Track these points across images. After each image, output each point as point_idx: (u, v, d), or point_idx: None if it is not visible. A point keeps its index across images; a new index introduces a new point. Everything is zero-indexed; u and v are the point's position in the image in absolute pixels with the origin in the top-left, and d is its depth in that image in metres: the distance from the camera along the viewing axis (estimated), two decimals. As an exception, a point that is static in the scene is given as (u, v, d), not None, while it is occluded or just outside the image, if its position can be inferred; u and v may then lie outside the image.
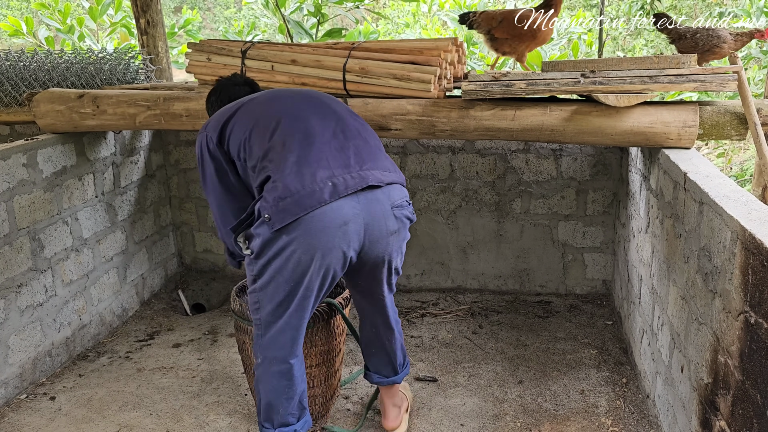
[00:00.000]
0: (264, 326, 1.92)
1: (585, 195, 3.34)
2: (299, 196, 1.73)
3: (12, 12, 11.29)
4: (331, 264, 1.80)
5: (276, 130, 1.85)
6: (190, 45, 2.84)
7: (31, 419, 2.47)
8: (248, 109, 1.94)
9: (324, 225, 1.75)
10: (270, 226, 1.74)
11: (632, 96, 2.27)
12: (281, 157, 1.79)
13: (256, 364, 1.98)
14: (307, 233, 1.74)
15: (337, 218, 1.76)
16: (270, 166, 1.80)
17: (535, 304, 3.37)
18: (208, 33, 12.00)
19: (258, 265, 1.83)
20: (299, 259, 1.77)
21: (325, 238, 1.76)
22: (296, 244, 1.75)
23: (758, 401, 1.38)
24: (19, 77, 3.21)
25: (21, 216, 2.62)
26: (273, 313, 1.88)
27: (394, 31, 8.40)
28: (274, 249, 1.78)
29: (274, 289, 1.83)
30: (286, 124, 1.86)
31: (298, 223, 1.74)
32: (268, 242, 1.78)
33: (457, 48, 2.69)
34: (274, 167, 1.79)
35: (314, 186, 1.75)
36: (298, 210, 1.73)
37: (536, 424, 2.37)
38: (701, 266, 1.78)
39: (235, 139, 1.90)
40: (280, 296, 1.84)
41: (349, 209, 1.78)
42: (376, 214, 1.83)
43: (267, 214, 1.74)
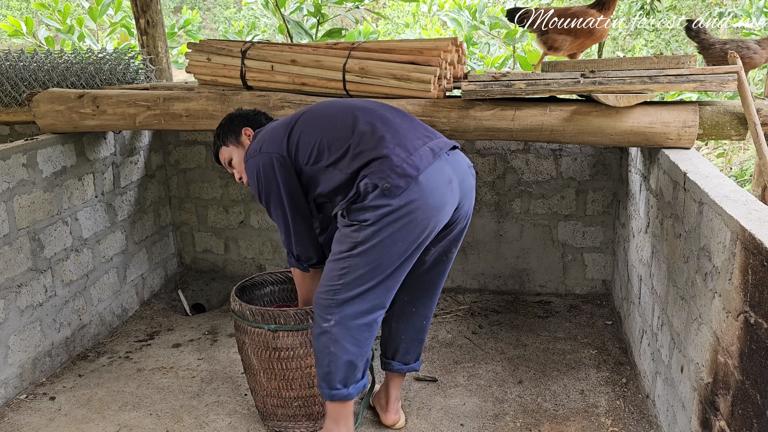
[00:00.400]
0: (350, 288, 1.96)
1: (585, 195, 3.34)
2: (409, 162, 1.88)
3: (12, 12, 11.30)
4: (440, 220, 1.95)
5: (357, 123, 1.98)
6: (189, 45, 2.84)
7: (30, 419, 2.47)
8: (309, 119, 2.05)
9: (436, 184, 1.91)
10: (389, 194, 1.86)
11: (632, 96, 2.27)
12: (377, 139, 1.93)
13: (327, 327, 1.99)
14: (424, 193, 1.88)
15: (444, 176, 1.93)
16: (368, 149, 1.92)
17: (534, 304, 3.37)
18: (208, 33, 12.00)
19: (367, 231, 1.90)
20: (418, 219, 1.89)
21: (439, 195, 1.91)
22: (416, 204, 1.87)
23: (758, 401, 1.38)
24: (18, 77, 3.21)
25: (21, 216, 2.62)
26: (371, 275, 1.94)
27: (394, 31, 8.40)
28: (394, 215, 1.88)
29: (380, 252, 1.91)
30: (363, 116, 2.00)
31: (415, 185, 1.87)
32: (388, 210, 1.87)
33: (456, 48, 2.69)
34: (373, 148, 1.92)
35: (416, 152, 1.91)
36: (412, 173, 1.87)
37: (536, 424, 2.37)
38: (701, 266, 1.78)
39: (305, 146, 2.00)
40: (387, 258, 1.92)
41: (448, 168, 1.96)
42: (463, 171, 2.02)
43: (385, 184, 1.85)
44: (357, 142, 1.94)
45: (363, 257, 1.92)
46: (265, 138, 2.08)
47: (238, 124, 2.25)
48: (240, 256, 3.81)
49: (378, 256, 1.91)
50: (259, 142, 2.08)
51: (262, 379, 2.29)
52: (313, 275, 2.23)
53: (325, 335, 2.00)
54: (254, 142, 2.12)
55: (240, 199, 3.69)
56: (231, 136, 2.25)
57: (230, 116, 2.29)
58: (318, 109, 2.09)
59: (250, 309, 2.20)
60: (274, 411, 2.33)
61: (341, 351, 2.00)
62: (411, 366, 2.33)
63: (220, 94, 2.68)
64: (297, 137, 2.02)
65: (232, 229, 3.77)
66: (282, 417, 2.34)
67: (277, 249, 3.73)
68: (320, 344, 2.02)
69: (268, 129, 2.12)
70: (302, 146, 2.01)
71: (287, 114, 2.59)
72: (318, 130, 2.01)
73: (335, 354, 2.00)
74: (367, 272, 1.94)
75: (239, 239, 3.77)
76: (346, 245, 1.94)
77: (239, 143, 2.25)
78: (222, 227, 3.78)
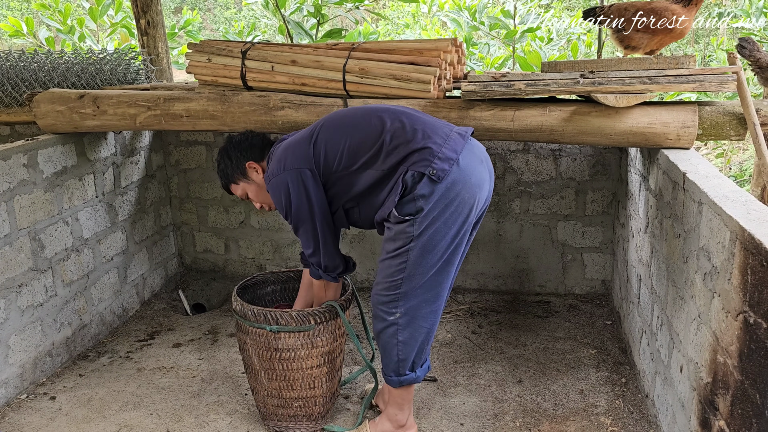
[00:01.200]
0: (413, 279, 2.02)
1: (584, 195, 3.34)
2: (447, 147, 1.96)
3: (12, 12, 11.30)
4: (481, 197, 2.03)
5: (384, 122, 2.02)
6: (190, 45, 2.84)
7: (31, 419, 2.48)
8: (331, 127, 2.08)
9: (472, 163, 1.99)
10: (437, 178, 1.92)
11: (631, 96, 2.27)
12: (411, 132, 1.99)
13: (393, 320, 2.06)
14: (465, 173, 1.96)
15: (476, 156, 2.02)
16: (403, 143, 1.97)
17: (534, 304, 3.38)
18: (209, 34, 12.00)
19: (422, 222, 1.96)
20: (465, 198, 1.96)
21: (477, 173, 2.00)
22: (461, 185, 1.95)
23: (757, 401, 1.39)
24: (19, 78, 3.22)
25: (21, 216, 2.62)
26: (431, 263, 2.00)
27: (394, 31, 8.41)
28: (443, 200, 1.94)
29: (436, 239, 1.98)
30: (388, 116, 2.04)
31: (457, 167, 1.95)
32: (434, 196, 1.94)
33: (456, 48, 2.69)
34: (409, 141, 1.97)
35: (449, 138, 1.99)
36: (452, 155, 1.95)
37: (536, 423, 2.37)
38: (700, 266, 1.79)
39: (333, 153, 2.04)
40: (443, 244, 1.99)
41: (477, 151, 2.05)
42: (486, 157, 2.09)
43: (430, 170, 1.92)
44: (389, 140, 1.98)
45: (420, 248, 1.98)
46: (285, 155, 2.08)
47: (237, 160, 2.25)
48: (240, 256, 3.81)
49: (434, 244, 1.98)
50: (280, 160, 2.09)
51: (262, 379, 2.29)
52: (336, 286, 2.28)
53: (392, 327, 2.08)
54: (273, 162, 2.12)
55: (240, 200, 3.69)
56: (236, 173, 2.26)
57: (227, 153, 2.27)
58: (337, 117, 2.12)
59: (251, 309, 2.21)
60: (275, 411, 2.34)
61: (410, 338, 2.08)
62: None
63: (221, 95, 2.69)
64: (323, 146, 2.04)
65: (233, 229, 3.77)
66: (282, 417, 2.34)
67: (278, 249, 3.74)
68: (387, 336, 2.10)
69: (285, 146, 2.12)
70: (330, 154, 2.03)
71: (287, 114, 2.59)
72: (343, 135, 2.04)
73: (404, 342, 2.09)
74: (425, 261, 2.00)
75: (239, 239, 3.78)
76: (401, 240, 1.99)
77: (248, 178, 2.26)
78: (222, 227, 3.78)
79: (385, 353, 2.14)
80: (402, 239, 1.99)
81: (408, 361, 2.12)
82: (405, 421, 2.24)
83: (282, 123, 2.61)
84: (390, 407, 2.24)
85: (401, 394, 2.20)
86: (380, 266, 2.08)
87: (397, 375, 2.14)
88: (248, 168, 2.24)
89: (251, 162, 2.24)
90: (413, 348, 2.10)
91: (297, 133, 2.20)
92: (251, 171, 2.25)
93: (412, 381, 2.16)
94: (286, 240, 3.70)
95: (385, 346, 2.13)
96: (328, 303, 2.24)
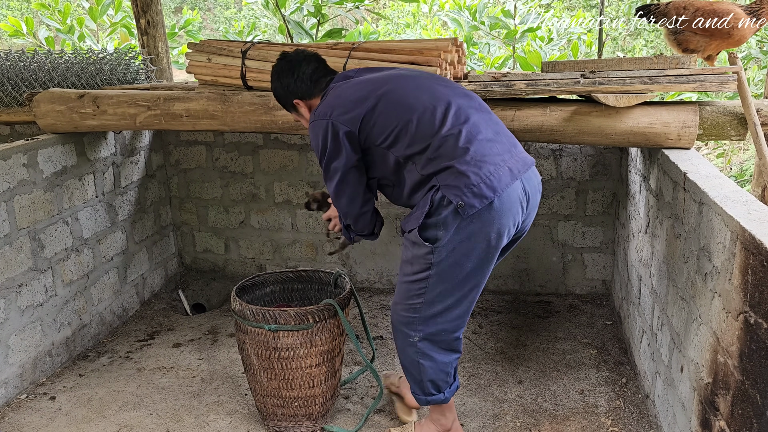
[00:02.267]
0: (433, 305, 1.99)
1: (585, 195, 3.34)
2: (486, 183, 1.86)
3: (12, 12, 11.30)
4: (507, 237, 1.96)
5: (444, 123, 1.91)
6: (190, 45, 2.84)
7: (31, 419, 2.47)
8: (393, 100, 1.97)
9: (509, 206, 1.90)
10: (462, 212, 1.86)
11: (632, 96, 2.27)
12: (459, 150, 1.88)
13: (412, 341, 2.04)
14: (497, 216, 1.88)
15: (516, 199, 1.93)
16: (446, 156, 1.88)
17: (534, 304, 3.37)
18: (209, 33, 12.00)
19: (441, 253, 1.91)
20: (489, 239, 1.91)
21: (510, 217, 1.92)
22: (488, 226, 1.89)
23: (758, 401, 1.38)
24: (19, 77, 3.22)
25: (21, 216, 2.62)
26: (449, 293, 1.97)
27: (395, 31, 8.41)
28: (464, 233, 1.89)
29: (455, 270, 1.93)
30: (451, 117, 1.92)
31: (489, 207, 1.86)
32: (458, 228, 1.88)
33: (456, 48, 2.69)
34: (452, 158, 1.87)
35: (495, 172, 1.88)
36: (488, 194, 1.85)
37: (536, 423, 2.37)
38: (701, 266, 1.78)
39: (383, 127, 1.95)
40: (461, 276, 1.95)
41: (521, 189, 1.95)
42: (534, 190, 2.01)
43: (459, 201, 1.85)
44: (438, 145, 1.89)
45: (439, 276, 1.95)
46: (337, 103, 2.00)
47: (285, 96, 2.18)
48: (240, 256, 3.81)
49: (455, 274, 1.94)
50: (330, 105, 2.01)
51: (262, 379, 2.29)
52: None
53: (412, 348, 2.06)
54: (324, 103, 2.04)
55: (240, 199, 3.70)
56: (287, 105, 2.22)
57: (275, 80, 2.18)
58: (404, 89, 2.00)
59: (250, 309, 2.20)
60: (274, 411, 2.33)
61: (430, 362, 2.06)
62: None
63: (221, 95, 2.68)
64: (376, 116, 1.95)
65: (233, 229, 3.77)
66: (282, 417, 2.34)
67: (277, 249, 3.74)
68: (408, 356, 2.08)
69: (342, 91, 2.04)
70: (379, 127, 1.95)
71: (287, 114, 2.58)
72: (401, 114, 1.94)
73: (424, 366, 2.07)
74: (445, 289, 1.97)
75: (239, 239, 3.77)
76: (419, 266, 1.96)
77: (297, 112, 2.21)
78: (222, 227, 3.78)
79: (406, 369, 2.12)
80: (419, 264, 1.96)
81: (429, 384, 2.10)
82: (450, 424, 2.22)
83: (282, 123, 2.61)
84: (433, 412, 2.22)
85: (435, 407, 2.18)
86: (399, 287, 2.05)
87: (423, 394, 2.12)
88: (295, 105, 2.19)
89: (297, 100, 2.17)
90: (433, 372, 2.07)
91: (367, 74, 2.11)
92: (299, 107, 2.19)
93: (441, 401, 2.13)
94: (286, 240, 3.70)
95: (407, 364, 2.11)
96: (326, 301, 2.24)
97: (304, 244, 3.69)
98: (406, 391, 2.34)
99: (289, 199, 3.63)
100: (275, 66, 2.19)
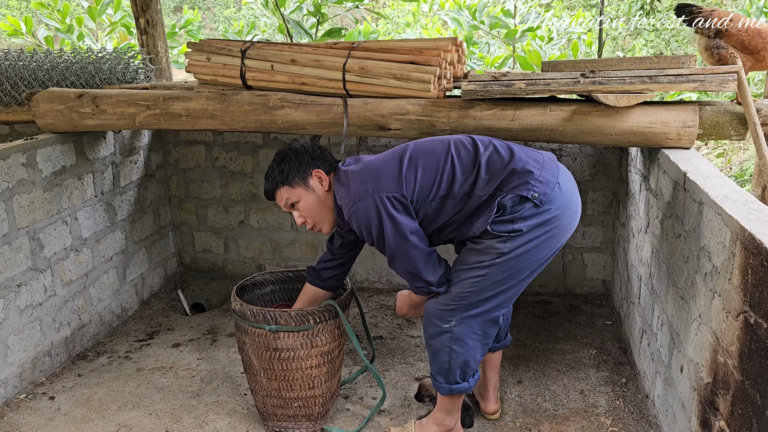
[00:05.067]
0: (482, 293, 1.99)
1: (585, 195, 3.34)
2: (545, 170, 1.96)
3: (11, 12, 11.30)
4: (575, 225, 2.03)
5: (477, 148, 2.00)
6: (189, 45, 2.84)
7: (30, 419, 2.47)
8: (423, 150, 2.02)
9: (571, 190, 2.00)
10: (539, 203, 1.91)
11: (632, 96, 2.27)
12: (507, 157, 1.97)
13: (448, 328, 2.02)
14: (566, 199, 1.96)
15: (572, 182, 2.04)
16: (500, 168, 1.95)
17: (534, 304, 3.37)
18: (208, 33, 11.99)
19: (515, 242, 1.93)
20: (563, 224, 1.96)
21: (575, 201, 2.01)
22: (562, 211, 1.95)
23: (758, 401, 1.38)
24: (18, 77, 3.21)
25: (20, 215, 2.62)
26: (505, 282, 1.98)
27: (395, 30, 8.40)
28: (545, 223, 1.93)
29: (522, 261, 1.95)
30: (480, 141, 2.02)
31: (559, 191, 1.94)
32: (541, 220, 1.92)
33: (456, 48, 2.69)
34: (506, 165, 1.95)
35: (545, 163, 1.99)
36: (553, 179, 1.95)
37: (536, 423, 2.37)
38: (701, 266, 1.78)
39: (428, 178, 1.97)
40: (531, 265, 1.97)
41: (569, 175, 2.05)
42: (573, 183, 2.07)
43: (533, 194, 1.91)
44: (485, 166, 1.95)
45: (503, 266, 1.95)
46: (372, 177, 1.96)
47: (306, 163, 2.08)
48: (240, 255, 3.80)
49: (518, 265, 1.95)
50: (365, 182, 1.96)
51: (262, 379, 2.29)
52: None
53: (446, 334, 2.04)
54: (356, 183, 1.97)
55: (240, 199, 3.69)
56: (297, 176, 2.07)
57: (294, 151, 2.10)
58: (426, 142, 2.07)
59: (251, 309, 2.20)
60: (274, 411, 2.33)
61: (464, 348, 2.05)
62: (503, 342, 2.39)
63: (220, 94, 2.68)
64: (418, 171, 1.97)
65: (232, 228, 3.77)
66: (282, 417, 2.34)
67: (277, 249, 3.73)
68: (440, 342, 2.06)
69: (370, 167, 2.00)
70: (425, 178, 1.96)
71: (287, 113, 2.58)
72: (438, 160, 1.98)
73: (457, 351, 2.05)
74: (502, 280, 1.97)
75: (239, 239, 3.77)
76: (488, 255, 1.95)
77: (307, 186, 2.08)
78: (222, 227, 3.78)
79: (435, 357, 2.09)
80: (489, 254, 1.94)
81: (457, 371, 2.08)
82: (453, 425, 2.21)
83: (281, 122, 2.61)
84: (438, 411, 2.20)
85: (450, 401, 2.17)
86: (454, 275, 2.03)
87: (447, 382, 2.11)
88: (314, 175, 2.07)
89: (318, 171, 2.07)
90: (467, 358, 2.06)
91: (373, 156, 2.09)
92: (315, 180, 2.08)
93: (464, 391, 2.13)
94: (286, 240, 3.70)
95: (435, 352, 2.08)
96: (327, 302, 2.24)
97: (303, 244, 3.69)
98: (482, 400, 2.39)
99: (289, 198, 3.62)
100: (287, 148, 2.13)
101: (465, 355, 2.05)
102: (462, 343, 2.04)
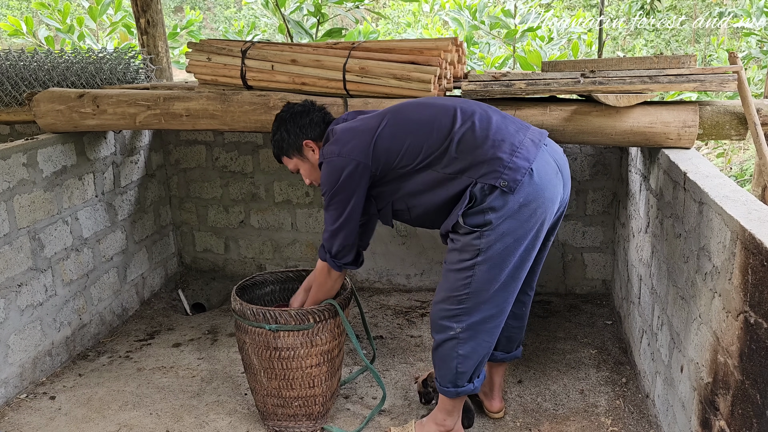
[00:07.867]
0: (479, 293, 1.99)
1: (585, 195, 3.34)
2: (518, 155, 1.89)
3: (12, 12, 11.30)
4: (553, 211, 1.97)
5: (454, 124, 1.95)
6: (190, 45, 2.84)
7: (31, 419, 2.47)
8: (398, 122, 2.01)
9: (547, 175, 1.92)
10: (508, 190, 1.87)
11: (632, 96, 2.27)
12: (479, 140, 1.92)
13: (454, 334, 2.04)
14: (539, 186, 1.90)
15: (551, 167, 1.95)
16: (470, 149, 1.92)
17: (534, 304, 3.37)
18: (209, 33, 12.00)
19: (490, 236, 1.92)
20: (537, 212, 1.91)
21: (551, 187, 1.94)
22: (534, 198, 1.90)
23: (758, 401, 1.38)
24: (19, 77, 3.21)
25: (21, 215, 2.62)
26: (496, 278, 1.97)
27: (395, 30, 8.41)
28: (515, 212, 1.90)
29: (504, 254, 1.94)
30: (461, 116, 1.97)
31: (530, 178, 1.89)
32: (506, 208, 1.89)
33: (457, 48, 2.69)
34: (477, 147, 1.91)
35: (521, 145, 1.92)
36: (524, 165, 1.88)
37: (536, 423, 2.37)
38: (701, 266, 1.78)
39: (395, 150, 1.98)
40: (513, 257, 1.95)
41: (551, 158, 1.97)
42: (563, 159, 2.04)
43: (501, 181, 1.87)
44: (456, 143, 1.93)
45: (487, 262, 1.94)
46: (346, 139, 2.02)
47: (296, 136, 2.17)
48: (240, 255, 3.81)
49: (502, 258, 1.94)
50: (340, 143, 2.02)
51: (262, 379, 2.29)
52: (337, 277, 2.23)
53: (452, 341, 2.06)
54: (332, 143, 2.05)
55: (240, 199, 3.70)
56: (292, 149, 2.20)
57: (285, 126, 2.19)
58: (407, 111, 2.05)
59: (250, 308, 2.20)
60: (274, 411, 2.33)
61: (471, 352, 2.07)
62: (513, 354, 2.38)
63: (221, 94, 2.68)
64: (387, 142, 1.99)
65: (232, 228, 3.77)
66: (282, 417, 2.34)
67: (277, 249, 3.74)
68: (446, 350, 2.08)
69: (347, 130, 2.06)
70: (393, 150, 1.98)
71: (287, 114, 2.58)
72: (409, 132, 1.98)
73: (464, 356, 2.07)
74: (492, 276, 1.97)
75: (239, 239, 3.77)
76: (468, 254, 1.95)
77: (302, 155, 2.20)
78: (222, 227, 3.78)
79: (442, 365, 2.11)
80: (469, 252, 1.95)
81: (467, 374, 2.10)
82: (452, 426, 2.22)
83: (282, 122, 2.61)
84: (439, 412, 2.21)
85: (453, 403, 2.18)
86: (444, 277, 2.05)
87: (454, 387, 2.12)
88: (305, 146, 2.17)
89: (309, 141, 2.17)
90: (474, 361, 2.08)
91: (360, 116, 2.14)
92: (307, 150, 2.18)
93: (471, 392, 2.14)
94: (286, 240, 3.70)
95: (443, 358, 2.10)
96: (327, 302, 2.24)
97: (304, 244, 3.69)
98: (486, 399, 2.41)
99: (289, 198, 3.62)
100: (282, 113, 2.22)
101: (473, 359, 2.07)
102: (469, 348, 2.05)
